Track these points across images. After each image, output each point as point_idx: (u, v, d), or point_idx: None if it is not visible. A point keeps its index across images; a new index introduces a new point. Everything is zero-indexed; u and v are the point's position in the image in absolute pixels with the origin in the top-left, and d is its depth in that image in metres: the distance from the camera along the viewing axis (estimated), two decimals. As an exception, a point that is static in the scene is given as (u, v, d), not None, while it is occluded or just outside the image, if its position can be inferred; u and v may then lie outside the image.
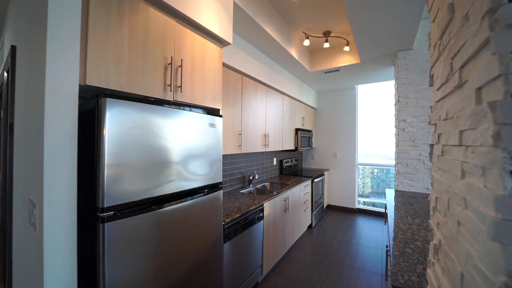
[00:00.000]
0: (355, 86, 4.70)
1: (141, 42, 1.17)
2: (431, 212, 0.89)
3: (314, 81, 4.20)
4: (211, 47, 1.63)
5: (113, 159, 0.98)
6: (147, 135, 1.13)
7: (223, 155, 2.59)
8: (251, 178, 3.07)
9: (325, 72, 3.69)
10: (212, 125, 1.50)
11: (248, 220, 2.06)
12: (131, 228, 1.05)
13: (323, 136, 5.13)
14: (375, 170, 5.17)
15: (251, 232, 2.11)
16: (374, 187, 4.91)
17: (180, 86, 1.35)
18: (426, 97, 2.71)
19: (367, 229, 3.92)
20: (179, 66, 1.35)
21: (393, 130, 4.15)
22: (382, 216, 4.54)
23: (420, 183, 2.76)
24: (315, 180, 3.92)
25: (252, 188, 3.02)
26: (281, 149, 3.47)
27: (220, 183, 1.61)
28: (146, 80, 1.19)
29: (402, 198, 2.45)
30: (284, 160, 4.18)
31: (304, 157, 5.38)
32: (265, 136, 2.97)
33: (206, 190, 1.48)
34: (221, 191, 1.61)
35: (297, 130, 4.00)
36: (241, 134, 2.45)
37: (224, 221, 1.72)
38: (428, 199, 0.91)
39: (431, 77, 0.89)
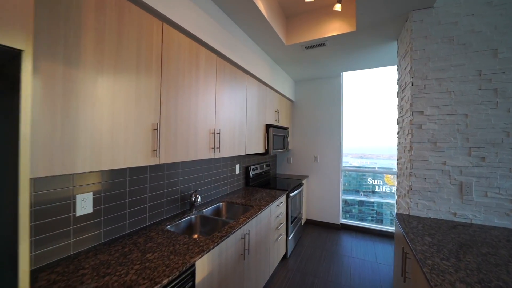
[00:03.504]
0: (341, 73, 3.80)
1: None
2: None
3: (291, 62, 3.19)
4: None
5: None
6: None
7: (127, 169, 1.44)
8: (193, 200, 1.95)
9: (306, 48, 2.69)
10: None
11: (151, 312, 0.95)
12: None
13: (302, 135, 4.17)
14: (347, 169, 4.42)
15: (160, 332, 1.00)
16: (346, 184, 4.34)
17: None
18: (455, 77, 1.82)
19: (356, 256, 3.01)
20: None
21: (393, 128, 3.30)
22: (370, 233, 3.73)
23: (444, 206, 1.86)
24: (292, 194, 2.91)
25: (194, 216, 1.91)
26: (244, 153, 2.40)
27: None
28: None
29: (430, 238, 1.51)
30: (251, 167, 3.12)
31: (278, 160, 4.38)
32: (215, 134, 1.87)
33: None
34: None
35: (268, 126, 2.96)
36: (157, 129, 1.32)
37: None
38: None
39: None
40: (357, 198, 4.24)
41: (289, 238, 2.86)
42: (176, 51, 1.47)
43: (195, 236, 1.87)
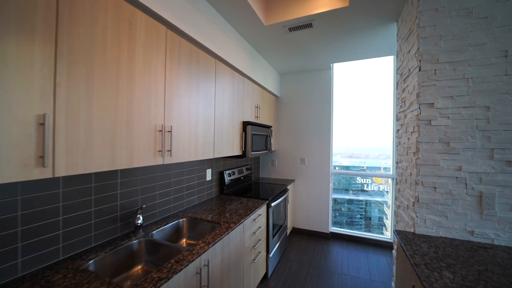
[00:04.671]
0: (331, 65, 3.39)
1: None
2: None
3: (273, 49, 2.75)
4: None
5: None
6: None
7: (19, 183, 0.94)
8: (137, 218, 1.47)
9: (290, 30, 2.25)
10: None
11: None
12: None
13: (288, 134, 3.74)
14: (337, 168, 4.21)
15: None
16: (336, 183, 4.20)
17: None
18: (474, 59, 1.43)
19: (348, 272, 2.62)
20: None
21: (385, 125, 2.94)
22: (362, 242, 3.36)
23: (458, 222, 1.47)
24: (274, 204, 2.48)
25: (137, 242, 1.43)
26: (212, 157, 1.94)
27: None
28: None
29: (451, 273, 1.10)
30: (227, 172, 2.66)
31: (262, 162, 3.94)
32: (164, 132, 1.39)
33: None
34: None
35: (245, 124, 2.51)
36: (45, 124, 0.84)
37: None
38: None
39: None
40: (347, 197, 4.14)
41: (270, 255, 2.42)
42: (88, 7, 0.99)
43: (138, 268, 1.40)
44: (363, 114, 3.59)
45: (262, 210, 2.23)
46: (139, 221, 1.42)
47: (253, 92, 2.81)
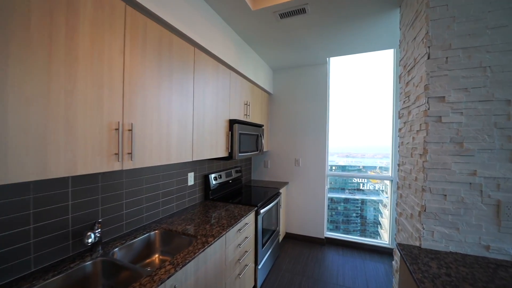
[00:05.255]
0: (327, 59, 3.16)
1: None
2: None
3: (264, 40, 2.51)
4: None
5: None
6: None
7: None
8: (90, 236, 1.22)
9: (281, 16, 2.01)
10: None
11: None
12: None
13: (282, 134, 3.51)
14: (333, 168, 4.08)
15: None
16: (332, 183, 4.11)
17: None
18: (493, 45, 1.21)
19: (343, 283, 2.41)
20: None
21: (387, 122, 2.73)
22: (358, 248, 3.17)
23: (472, 236, 1.26)
24: (263, 210, 2.25)
25: (90, 263, 1.18)
26: (190, 160, 1.69)
27: None
28: None
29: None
30: (213, 175, 2.42)
31: (255, 164, 3.70)
32: (122, 130, 1.15)
33: None
34: None
35: (232, 122, 2.27)
36: None
37: None
38: None
39: None
40: (343, 196, 4.11)
41: (259, 266, 2.20)
42: (-3, -37, 0.74)
43: (92, 296, 1.16)
44: (361, 111, 3.39)
45: (250, 218, 2.00)
46: (90, 240, 1.16)
47: (242, 87, 2.57)
